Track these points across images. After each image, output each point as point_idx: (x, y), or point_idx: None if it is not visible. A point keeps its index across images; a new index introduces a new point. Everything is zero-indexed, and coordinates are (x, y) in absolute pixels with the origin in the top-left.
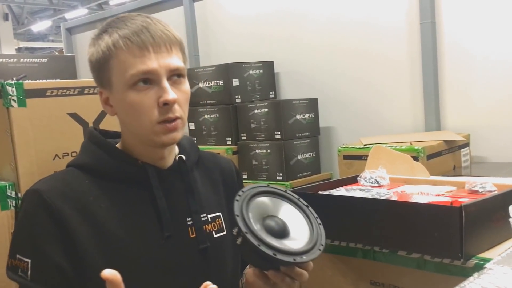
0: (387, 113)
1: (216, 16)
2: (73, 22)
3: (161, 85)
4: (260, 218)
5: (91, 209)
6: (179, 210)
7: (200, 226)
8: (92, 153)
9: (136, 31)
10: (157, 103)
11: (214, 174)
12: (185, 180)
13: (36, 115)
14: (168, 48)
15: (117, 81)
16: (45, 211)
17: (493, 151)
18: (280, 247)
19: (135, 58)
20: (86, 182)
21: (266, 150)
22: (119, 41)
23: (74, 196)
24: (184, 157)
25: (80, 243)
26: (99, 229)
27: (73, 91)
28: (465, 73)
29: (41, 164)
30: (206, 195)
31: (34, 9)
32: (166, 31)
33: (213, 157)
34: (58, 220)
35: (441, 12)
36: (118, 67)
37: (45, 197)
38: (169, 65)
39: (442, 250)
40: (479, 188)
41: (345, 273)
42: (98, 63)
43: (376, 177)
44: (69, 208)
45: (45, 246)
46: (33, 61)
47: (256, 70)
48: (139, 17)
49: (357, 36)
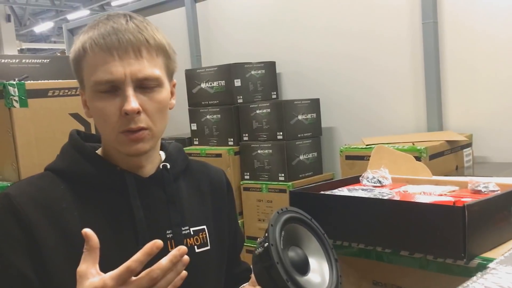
0: (389, 113)
1: (218, 17)
2: (75, 23)
3: (124, 94)
4: (286, 246)
5: (62, 217)
6: (159, 222)
7: (181, 240)
8: (70, 157)
9: (103, 33)
10: (120, 112)
11: (202, 185)
12: (167, 190)
13: (37, 115)
14: (137, 53)
15: (86, 84)
16: (13, 217)
17: (495, 151)
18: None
19: (99, 63)
20: (61, 188)
21: (268, 151)
22: (87, 43)
23: (46, 203)
24: (169, 166)
25: (47, 253)
26: (70, 238)
27: (74, 91)
28: (468, 73)
29: (43, 164)
30: (190, 207)
31: (36, 10)
32: (138, 33)
33: (203, 167)
34: (25, 227)
35: (443, 12)
36: (86, 70)
37: (14, 203)
38: (136, 73)
39: (445, 250)
40: (482, 188)
41: (348, 273)
42: (73, 63)
43: (378, 177)
44: (39, 215)
45: (10, 253)
46: (35, 61)
47: (258, 71)
48: (117, 17)
49: (359, 36)
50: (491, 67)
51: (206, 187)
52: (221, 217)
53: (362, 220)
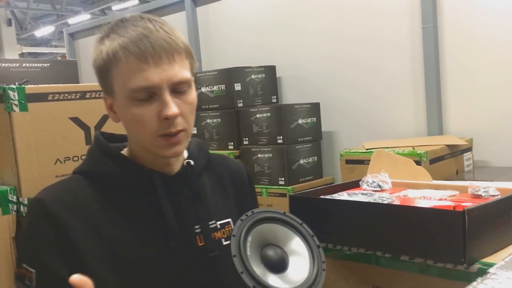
0: (389, 117)
1: (218, 21)
2: (75, 27)
3: (162, 99)
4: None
5: (95, 218)
6: (187, 218)
7: (209, 234)
8: (98, 160)
9: (135, 40)
10: (158, 117)
11: (224, 178)
12: (193, 187)
13: (37, 120)
14: (170, 59)
15: (118, 92)
16: (48, 222)
17: (495, 156)
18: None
19: (134, 71)
20: (90, 190)
21: (268, 155)
22: (119, 51)
23: (78, 206)
24: (192, 162)
25: (83, 254)
26: (103, 239)
27: (74, 95)
28: (468, 77)
29: (43, 169)
30: (215, 201)
31: (37, 15)
32: (168, 38)
33: (224, 160)
34: (61, 230)
35: (443, 17)
36: (119, 78)
37: (48, 207)
38: (172, 77)
39: (445, 255)
40: (482, 193)
41: (348, 278)
42: (100, 71)
43: (378, 182)
44: (72, 218)
45: (49, 257)
46: (36, 65)
47: (258, 75)
48: (141, 21)
49: (358, 40)
50: (491, 72)
51: (228, 181)
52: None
53: (362, 224)
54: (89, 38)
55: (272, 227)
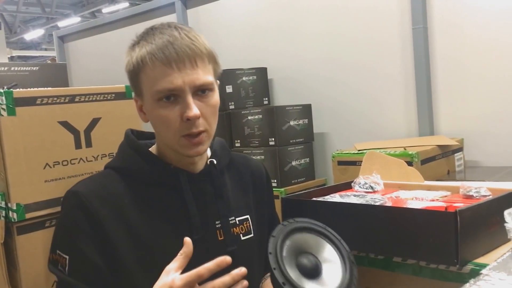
0: (380, 118)
1: (209, 23)
2: (65, 30)
3: (185, 101)
4: (295, 254)
5: (125, 211)
6: (209, 214)
7: (228, 229)
8: (128, 156)
9: (161, 47)
10: (181, 118)
11: (244, 177)
12: (215, 185)
13: (26, 124)
14: (193, 64)
15: (146, 94)
16: (82, 212)
17: (486, 155)
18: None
19: (159, 75)
20: (121, 184)
21: (260, 157)
22: (146, 57)
23: (110, 199)
24: (215, 161)
25: (115, 244)
26: (132, 231)
27: (63, 99)
28: (459, 77)
29: (32, 174)
30: (235, 198)
31: (27, 18)
32: (192, 45)
33: (244, 160)
34: (94, 221)
35: (433, 18)
36: (146, 81)
37: (83, 199)
38: (194, 81)
39: (438, 256)
40: (473, 193)
41: None
42: (130, 74)
43: (370, 183)
44: (105, 210)
45: (82, 244)
46: (24, 69)
47: (250, 77)
48: (168, 29)
49: (350, 42)
50: (481, 72)
51: (248, 179)
52: (262, 207)
53: (354, 226)
54: (79, 41)
55: (308, 237)
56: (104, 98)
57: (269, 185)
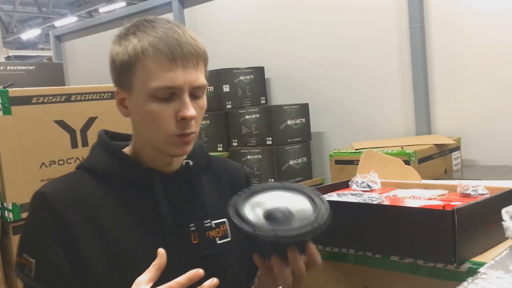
0: (378, 117)
1: (206, 22)
2: (62, 30)
3: (182, 100)
4: (262, 209)
5: (95, 213)
6: (183, 216)
7: (203, 232)
8: (100, 156)
9: (166, 41)
10: (175, 117)
11: (222, 180)
12: (191, 186)
13: (21, 123)
14: (195, 64)
15: (138, 87)
16: (49, 214)
17: (483, 154)
18: (262, 224)
19: (162, 70)
20: (92, 185)
21: (257, 156)
22: (149, 49)
23: (79, 200)
24: (192, 162)
25: (82, 247)
26: (102, 233)
27: (59, 98)
28: (455, 77)
29: (27, 173)
30: (212, 201)
31: (23, 17)
32: (195, 44)
33: (223, 162)
34: (61, 223)
35: (430, 17)
36: (142, 74)
37: (50, 200)
38: (194, 82)
39: (435, 255)
40: (471, 191)
41: (338, 279)
42: (121, 65)
43: (367, 182)
44: (73, 211)
45: (49, 248)
46: (20, 68)
47: (247, 76)
48: (169, 24)
49: (347, 41)
50: (478, 71)
51: (226, 182)
52: None
53: (352, 225)
54: (76, 41)
55: (272, 194)
56: (101, 97)
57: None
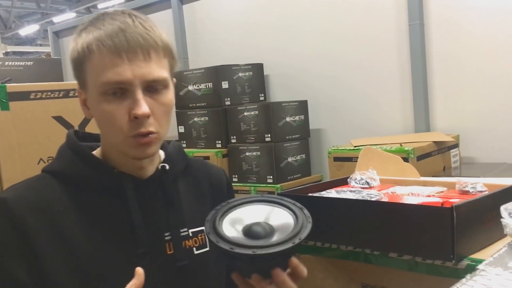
0: (377, 114)
1: (205, 19)
2: (60, 26)
3: (133, 97)
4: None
5: (59, 220)
6: (157, 224)
7: (179, 242)
8: (67, 159)
9: (111, 34)
10: (129, 115)
11: (201, 185)
12: (166, 192)
13: (19, 119)
14: (145, 55)
15: (91, 86)
16: (9, 222)
17: (482, 152)
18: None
19: (106, 65)
20: (58, 190)
21: (256, 153)
22: (93, 44)
23: (43, 206)
24: (168, 166)
25: (44, 258)
26: (67, 242)
27: (58, 93)
28: (454, 74)
29: (25, 169)
30: (189, 208)
31: (21, 13)
32: (146, 34)
33: (203, 166)
34: (21, 232)
35: (430, 14)
36: (91, 71)
37: (10, 207)
38: (145, 76)
39: (434, 252)
40: (469, 189)
41: (336, 276)
42: (75, 63)
43: (366, 179)
44: (35, 219)
45: (6, 259)
46: (19, 64)
47: (246, 73)
48: (121, 16)
49: (346, 38)
50: (477, 69)
51: (206, 187)
52: None
53: (351, 222)
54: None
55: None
56: None
57: (230, 191)
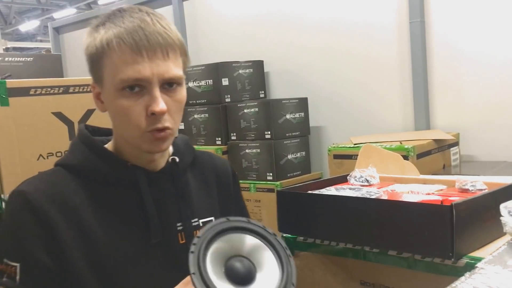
0: (377, 112)
1: (205, 15)
2: (60, 22)
3: (151, 94)
4: (222, 261)
5: (77, 212)
6: (169, 215)
7: (190, 232)
8: (81, 153)
9: (131, 31)
10: (146, 112)
11: (208, 176)
12: (177, 184)
13: (19, 115)
14: (164, 54)
15: (108, 81)
16: (30, 214)
17: (482, 150)
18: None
19: (127, 62)
20: (73, 183)
21: (256, 150)
22: (113, 40)
23: (60, 199)
24: (177, 159)
25: (65, 247)
26: (85, 233)
27: (57, 89)
28: (455, 72)
29: (25, 165)
30: (198, 199)
31: (22, 9)
32: (165, 33)
33: (209, 157)
34: (44, 222)
35: (431, 11)
36: (110, 68)
37: (30, 199)
38: (163, 74)
39: (433, 250)
40: (469, 187)
41: (336, 273)
42: (91, 58)
43: (366, 176)
44: (55, 210)
45: (33, 249)
46: (19, 60)
47: (246, 70)
48: (139, 13)
49: (347, 35)
50: (477, 67)
51: (212, 178)
52: (228, 208)
53: (350, 219)
54: (74, 33)
55: (242, 238)
56: None
57: (236, 183)
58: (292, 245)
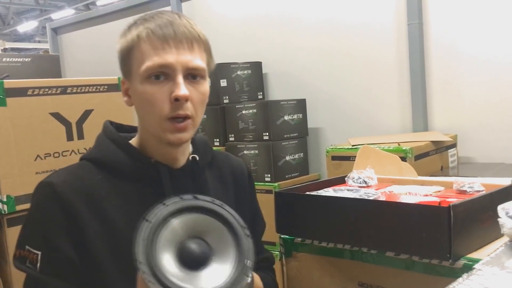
0: (375, 113)
1: (204, 16)
2: (58, 22)
3: (175, 80)
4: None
5: (102, 205)
6: None
7: None
8: (106, 148)
9: (161, 24)
10: (169, 98)
11: (225, 175)
12: (197, 181)
13: (17, 115)
14: (189, 45)
15: (135, 72)
16: (57, 204)
17: (480, 152)
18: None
19: (154, 50)
20: (98, 177)
21: (254, 151)
22: (143, 32)
23: (86, 191)
24: (197, 157)
25: (89, 238)
26: (109, 226)
27: (55, 90)
28: (453, 74)
29: (22, 165)
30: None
31: (20, 10)
32: (191, 28)
33: (225, 158)
34: (69, 213)
35: (429, 13)
36: (138, 58)
37: (58, 190)
38: (188, 62)
39: (431, 251)
40: (467, 188)
41: (333, 274)
42: (122, 53)
43: (364, 178)
44: (80, 202)
45: (56, 238)
46: (17, 60)
47: (244, 71)
48: (168, 13)
49: (344, 37)
50: (475, 69)
51: (229, 177)
52: (243, 206)
53: (348, 220)
54: (72, 33)
55: (198, 218)
56: (97, 90)
57: (251, 183)
58: (290, 246)
